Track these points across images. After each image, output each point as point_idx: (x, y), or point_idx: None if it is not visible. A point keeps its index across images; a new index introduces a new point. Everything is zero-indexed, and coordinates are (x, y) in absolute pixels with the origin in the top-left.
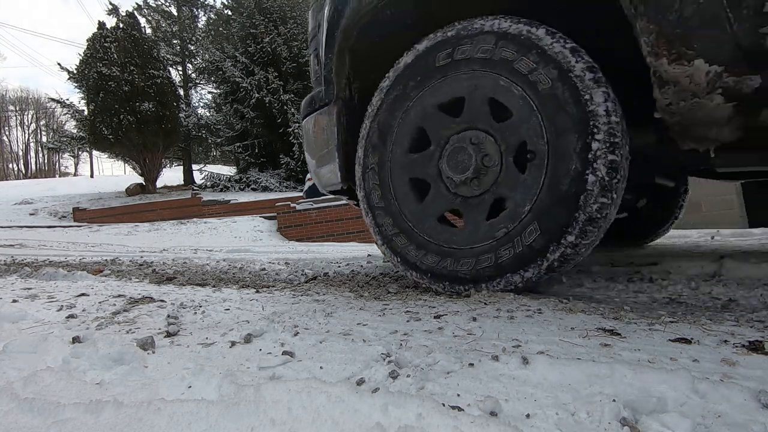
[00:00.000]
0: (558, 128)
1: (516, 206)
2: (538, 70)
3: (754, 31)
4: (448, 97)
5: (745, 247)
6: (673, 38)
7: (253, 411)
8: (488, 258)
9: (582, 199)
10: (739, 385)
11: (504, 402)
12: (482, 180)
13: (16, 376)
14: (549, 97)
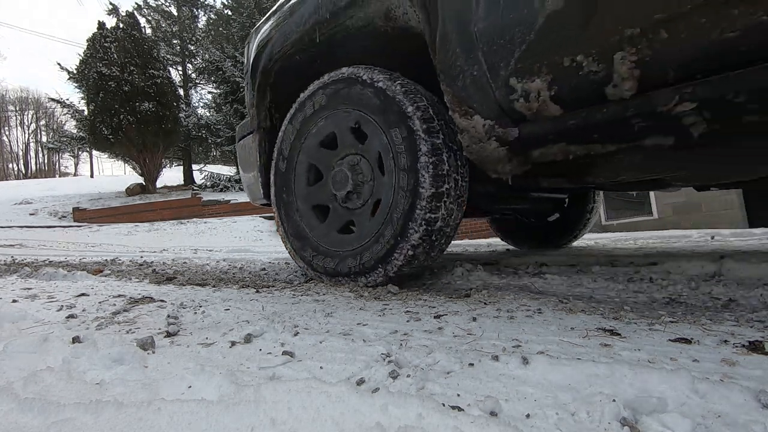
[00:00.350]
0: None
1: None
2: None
3: (507, 97)
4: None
5: (745, 247)
6: (460, 99)
7: (253, 411)
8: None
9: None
10: (739, 385)
11: (504, 402)
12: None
13: (16, 376)
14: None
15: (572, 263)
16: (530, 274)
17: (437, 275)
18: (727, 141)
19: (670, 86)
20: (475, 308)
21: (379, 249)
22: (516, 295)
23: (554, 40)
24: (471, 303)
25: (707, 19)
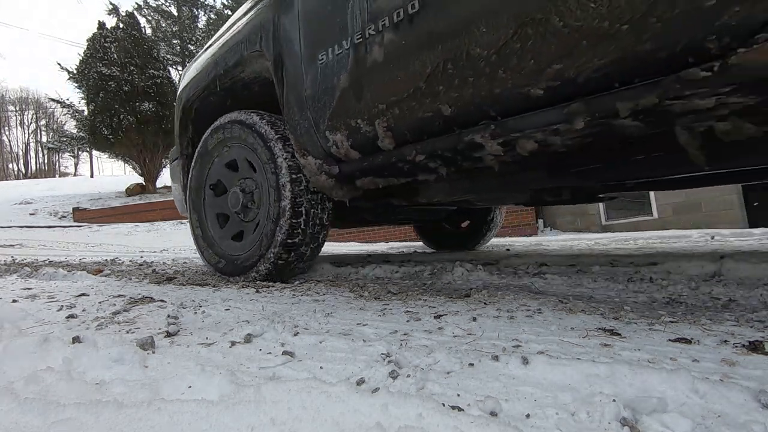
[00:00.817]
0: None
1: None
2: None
3: (326, 145)
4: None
5: (745, 247)
6: (300, 144)
7: (254, 411)
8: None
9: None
10: (739, 385)
11: (504, 402)
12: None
13: (17, 375)
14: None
15: (572, 263)
16: (530, 274)
17: (437, 275)
18: (461, 179)
19: (410, 143)
20: (475, 308)
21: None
22: (516, 295)
23: (345, 108)
24: (471, 303)
25: (416, 104)
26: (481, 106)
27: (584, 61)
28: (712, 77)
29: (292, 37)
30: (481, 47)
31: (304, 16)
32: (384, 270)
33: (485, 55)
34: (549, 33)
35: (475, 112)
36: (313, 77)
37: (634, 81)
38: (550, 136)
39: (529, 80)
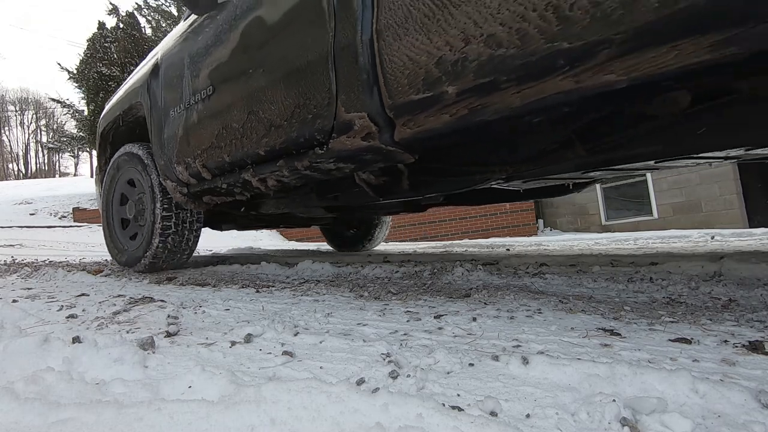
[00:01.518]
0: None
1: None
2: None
3: (176, 174)
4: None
5: (745, 247)
6: (163, 172)
7: (254, 411)
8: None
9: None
10: (739, 385)
11: (504, 402)
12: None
13: (17, 375)
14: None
15: (572, 263)
16: (530, 274)
17: (437, 275)
18: (270, 198)
19: (218, 176)
20: (475, 308)
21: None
22: (516, 295)
23: (182, 150)
24: (471, 303)
25: (213, 152)
26: (243, 157)
27: (275, 137)
28: (325, 153)
29: (157, 95)
30: (236, 122)
31: (164, 82)
32: (384, 270)
33: (238, 128)
34: (258, 120)
35: (241, 160)
36: (168, 126)
37: (299, 151)
38: (281, 177)
39: (257, 145)
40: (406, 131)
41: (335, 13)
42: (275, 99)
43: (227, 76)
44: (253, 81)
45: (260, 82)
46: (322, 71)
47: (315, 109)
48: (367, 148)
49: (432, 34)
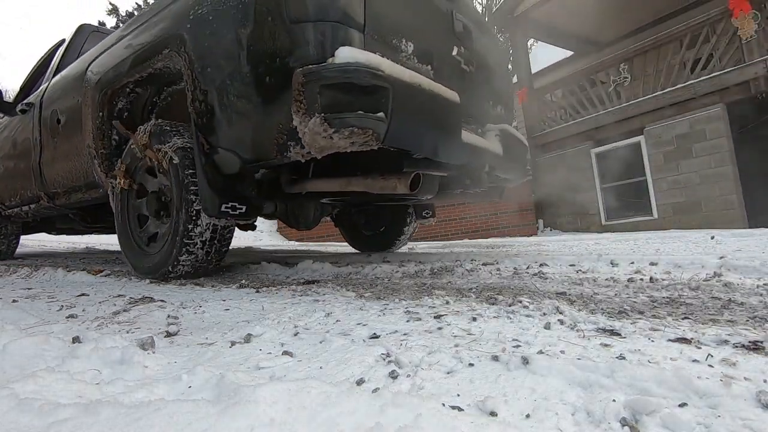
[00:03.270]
0: None
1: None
2: None
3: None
4: None
5: (744, 248)
6: None
7: (253, 411)
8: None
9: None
10: (738, 385)
11: (504, 402)
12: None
13: (17, 375)
14: None
15: (572, 263)
16: (530, 274)
17: (437, 275)
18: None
19: (7, 207)
20: (475, 308)
21: None
22: (516, 295)
23: None
24: (471, 303)
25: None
26: (15, 202)
27: (21, 196)
28: (38, 205)
29: None
30: (7, 184)
31: None
32: (384, 270)
33: (9, 187)
34: (15, 187)
35: (14, 203)
36: None
37: (33, 203)
38: (32, 212)
39: (17, 198)
40: (53, 202)
41: (34, 149)
42: (20, 178)
43: (3, 161)
44: (10, 168)
45: (14, 170)
46: (32, 172)
47: (30, 188)
48: (47, 207)
49: (52, 169)
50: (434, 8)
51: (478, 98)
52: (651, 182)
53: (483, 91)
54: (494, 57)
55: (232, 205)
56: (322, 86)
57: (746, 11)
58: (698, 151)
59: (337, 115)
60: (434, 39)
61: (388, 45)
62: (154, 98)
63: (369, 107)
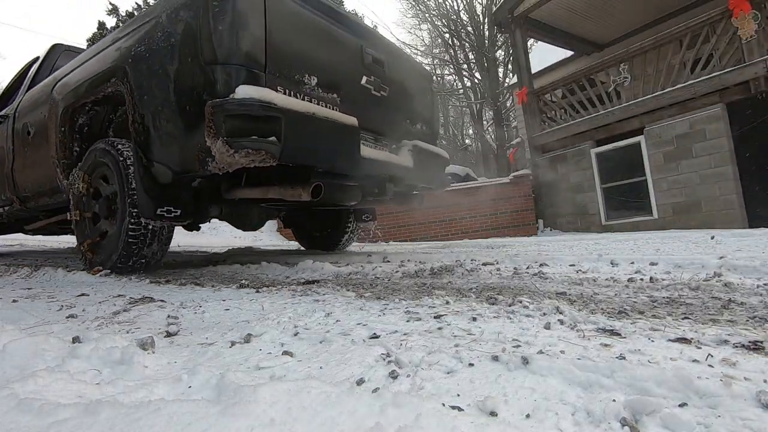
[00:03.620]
0: None
1: None
2: None
3: None
4: None
5: (744, 248)
6: None
7: (253, 411)
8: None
9: None
10: (738, 385)
11: (504, 402)
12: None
13: (16, 375)
14: None
15: (572, 263)
16: (530, 274)
17: (437, 275)
18: None
19: None
20: (475, 308)
21: None
22: (516, 295)
23: None
24: (471, 303)
25: None
26: None
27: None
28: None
29: None
30: None
31: None
32: (384, 270)
33: None
34: None
35: None
36: None
37: (6, 206)
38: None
39: None
40: (25, 205)
41: (7, 157)
42: None
43: None
44: None
45: None
46: (6, 178)
47: (4, 192)
48: (19, 209)
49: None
50: (342, 46)
51: (392, 119)
52: (651, 182)
53: (398, 113)
54: (411, 82)
55: (168, 209)
56: (226, 116)
57: (746, 11)
58: (698, 151)
59: (236, 140)
60: (341, 71)
61: (292, 80)
62: (111, 115)
63: (263, 133)
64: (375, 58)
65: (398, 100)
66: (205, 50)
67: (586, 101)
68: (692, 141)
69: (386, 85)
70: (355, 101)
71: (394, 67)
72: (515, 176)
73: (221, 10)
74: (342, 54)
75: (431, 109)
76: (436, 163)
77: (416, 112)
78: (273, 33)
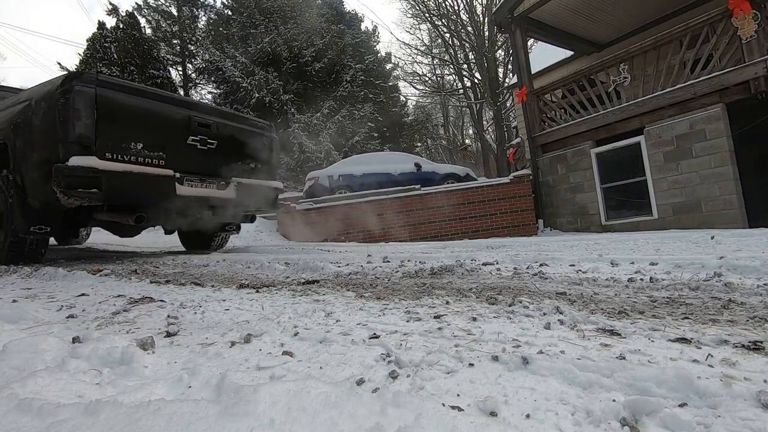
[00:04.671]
0: None
1: None
2: None
3: None
4: None
5: (744, 248)
6: None
7: (253, 411)
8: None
9: None
10: (739, 385)
11: (504, 402)
12: None
13: (16, 376)
14: None
15: (572, 263)
16: (530, 274)
17: (438, 275)
18: None
19: None
20: (475, 308)
21: None
22: (516, 295)
23: None
24: (471, 303)
25: None
26: None
27: None
28: None
29: None
30: None
31: None
32: (384, 270)
33: None
34: None
35: None
36: None
37: None
38: None
39: None
40: None
41: None
42: None
43: None
44: None
45: None
46: None
47: None
48: None
49: None
50: (168, 117)
51: (220, 164)
52: (651, 182)
53: (226, 159)
54: (241, 135)
55: (39, 227)
56: (62, 176)
57: (746, 11)
58: (698, 151)
59: (69, 191)
60: (167, 136)
61: (119, 148)
62: None
63: (88, 186)
64: (201, 122)
65: (226, 150)
66: (55, 131)
67: (586, 101)
68: (692, 141)
69: (213, 141)
70: (181, 156)
71: (222, 127)
72: (515, 176)
73: (65, 105)
74: (167, 123)
75: (268, 152)
76: (262, 193)
77: (248, 156)
78: (102, 119)
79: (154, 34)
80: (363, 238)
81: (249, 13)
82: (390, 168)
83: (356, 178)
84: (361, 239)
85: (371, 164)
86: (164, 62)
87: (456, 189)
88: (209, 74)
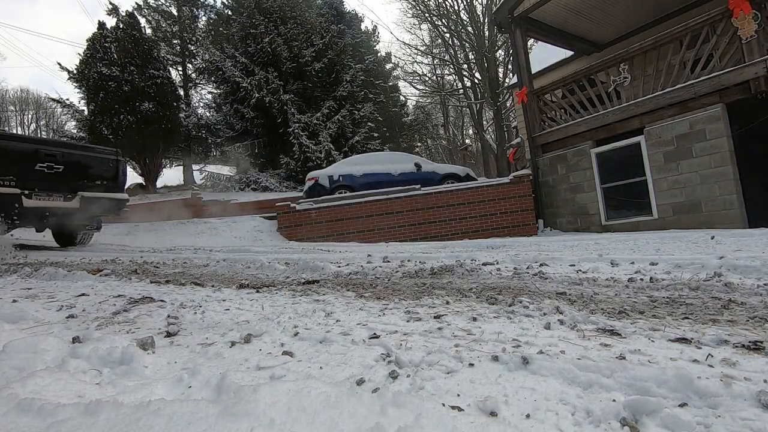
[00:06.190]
0: None
1: None
2: None
3: None
4: None
5: (744, 248)
6: None
7: (253, 411)
8: None
9: None
10: (739, 385)
11: (504, 402)
12: None
13: (16, 376)
14: None
15: (572, 263)
16: (530, 274)
17: (437, 275)
18: None
19: None
20: (475, 308)
21: None
22: (516, 295)
23: None
24: (471, 303)
25: None
26: None
27: None
28: None
29: None
30: None
31: None
32: (384, 270)
33: None
34: None
35: None
36: None
37: None
38: None
39: None
40: None
41: None
42: None
43: None
44: None
45: None
46: None
47: None
48: None
49: None
50: (15, 151)
51: (67, 182)
52: (651, 182)
53: (73, 178)
54: (87, 160)
55: None
56: None
57: (746, 11)
58: (698, 151)
59: None
60: (15, 164)
61: None
62: None
63: None
64: (47, 153)
65: (73, 172)
66: None
67: (586, 101)
68: (692, 141)
69: (60, 165)
70: (30, 178)
71: (68, 155)
72: (515, 176)
73: None
74: (15, 155)
75: (114, 172)
76: (105, 203)
77: (93, 176)
78: None
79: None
80: (363, 238)
81: (249, 13)
82: (390, 168)
83: (356, 178)
84: (361, 239)
85: (371, 164)
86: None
87: (456, 189)
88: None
